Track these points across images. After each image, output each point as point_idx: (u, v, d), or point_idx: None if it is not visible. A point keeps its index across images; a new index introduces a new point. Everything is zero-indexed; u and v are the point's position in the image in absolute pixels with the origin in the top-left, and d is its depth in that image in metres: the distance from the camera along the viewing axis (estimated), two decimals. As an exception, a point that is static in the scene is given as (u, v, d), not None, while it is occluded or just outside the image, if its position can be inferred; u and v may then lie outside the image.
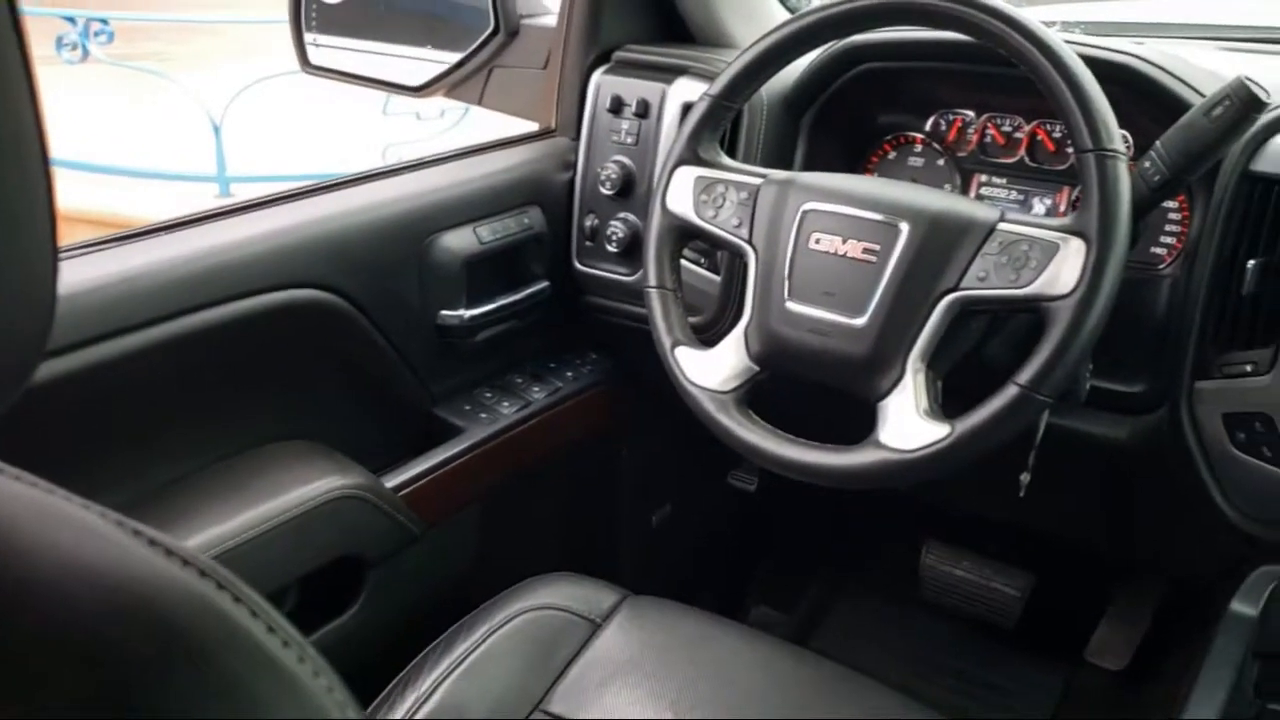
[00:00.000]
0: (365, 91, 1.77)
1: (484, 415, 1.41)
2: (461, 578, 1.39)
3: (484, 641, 1.12)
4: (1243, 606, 1.11)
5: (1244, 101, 0.96)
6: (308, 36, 1.66)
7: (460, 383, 1.44)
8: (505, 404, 1.44)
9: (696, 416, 1.11)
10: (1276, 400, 1.04)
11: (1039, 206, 1.30)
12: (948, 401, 1.02)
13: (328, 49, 1.66)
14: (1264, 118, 1.05)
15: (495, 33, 1.59)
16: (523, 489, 1.48)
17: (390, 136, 5.87)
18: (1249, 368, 1.06)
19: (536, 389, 1.48)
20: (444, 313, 1.35)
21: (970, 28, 1.01)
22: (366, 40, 1.67)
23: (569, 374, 1.55)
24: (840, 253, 1.05)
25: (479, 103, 1.66)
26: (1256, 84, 0.96)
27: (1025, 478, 1.13)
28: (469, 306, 1.37)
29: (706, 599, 1.73)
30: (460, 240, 1.35)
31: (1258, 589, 1.12)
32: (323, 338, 1.24)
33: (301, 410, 1.25)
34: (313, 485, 1.16)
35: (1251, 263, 1.05)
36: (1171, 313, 1.14)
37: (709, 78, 1.16)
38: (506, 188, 1.43)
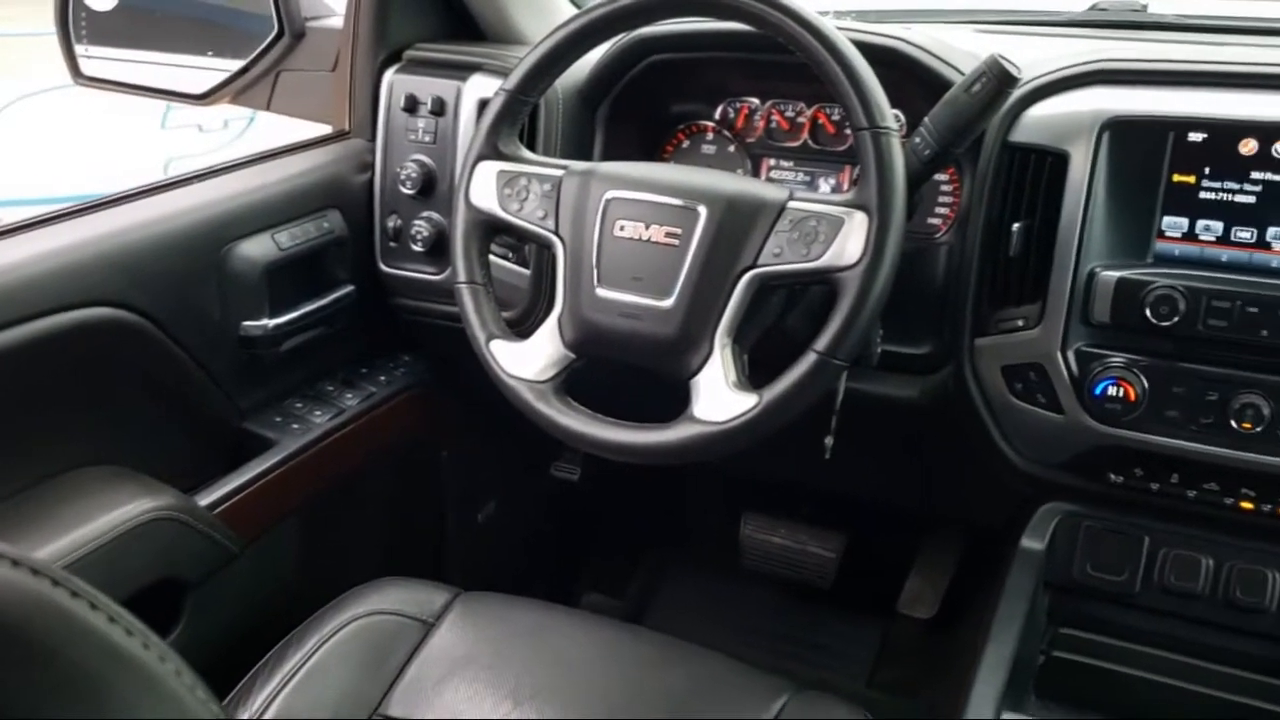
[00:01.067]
0: (144, 104, 1.70)
1: (296, 426, 1.38)
2: (287, 592, 1.36)
3: (315, 653, 1.11)
4: (1031, 542, 1.21)
5: (998, 77, 1.04)
6: (78, 48, 1.58)
7: (269, 394, 1.41)
8: (318, 413, 1.41)
9: (516, 408, 1.13)
10: (1045, 351, 1.14)
11: (824, 186, 1.38)
12: (755, 374, 1.07)
13: (102, 60, 1.59)
14: (1018, 92, 1.15)
15: (280, 36, 1.56)
16: (343, 497, 1.46)
17: (172, 150, 5.60)
18: (1020, 323, 1.16)
19: (349, 396, 1.46)
20: (247, 323, 1.32)
21: (750, 18, 1.06)
22: (144, 50, 1.60)
23: (382, 378, 1.53)
24: (645, 238, 1.08)
25: (267, 108, 1.62)
26: (1009, 60, 1.05)
27: (829, 441, 1.20)
28: (272, 315, 1.34)
29: (539, 591, 1.74)
30: (259, 248, 1.32)
31: (1043, 525, 1.22)
32: (121, 357, 1.19)
33: (105, 434, 1.20)
34: (122, 510, 1.11)
35: (1016, 226, 1.14)
36: (949, 277, 1.24)
37: (503, 73, 1.17)
38: (303, 192, 1.40)
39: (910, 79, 1.20)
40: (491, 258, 1.24)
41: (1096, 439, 1.14)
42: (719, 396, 1.04)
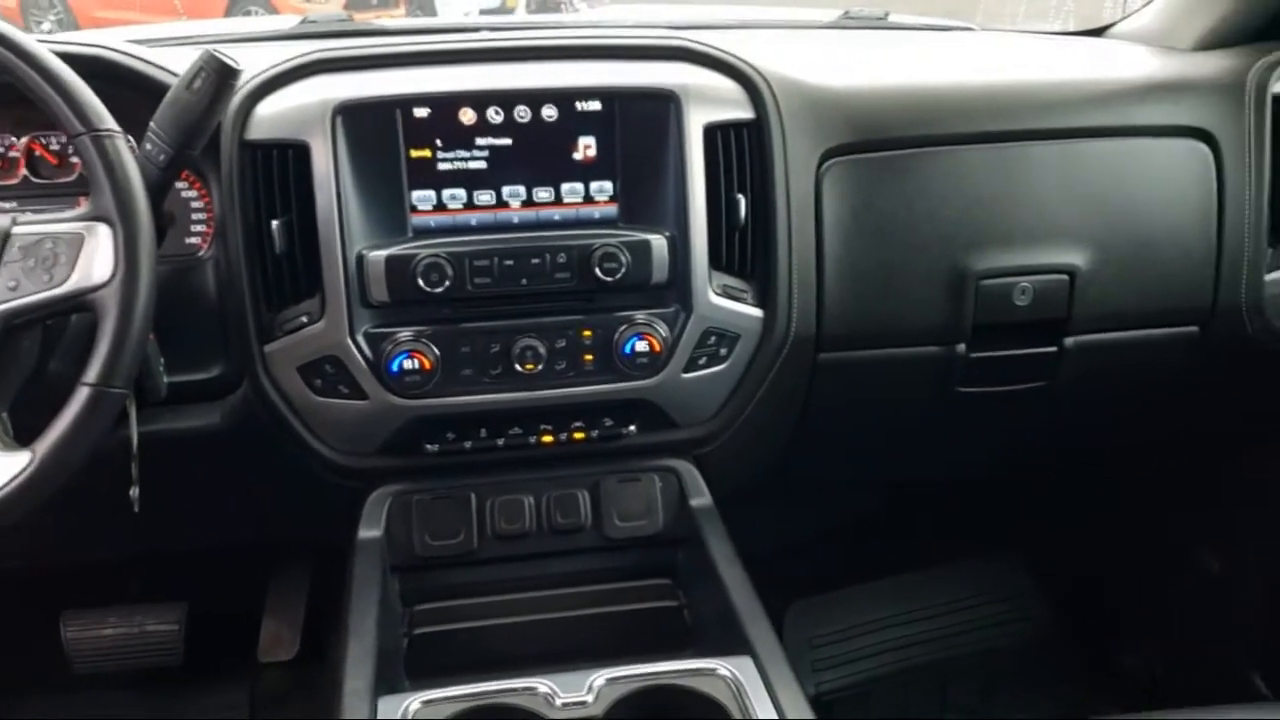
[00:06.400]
0: None
1: None
2: None
3: None
4: (368, 532, 1.20)
5: (218, 70, 1.01)
6: None
7: None
8: None
9: None
10: (335, 341, 1.14)
11: None
12: (30, 438, 0.93)
13: None
14: (245, 88, 1.13)
15: None
16: None
17: None
18: (305, 319, 1.15)
19: None
20: None
21: None
22: None
23: None
24: None
25: None
26: (225, 55, 1.02)
27: (135, 492, 1.09)
28: None
29: None
30: None
31: (376, 512, 1.21)
32: None
33: None
34: None
35: (275, 224, 1.13)
36: (223, 292, 1.19)
37: None
38: None
39: (128, 88, 1.13)
40: None
41: (405, 414, 1.16)
42: None
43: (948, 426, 1.50)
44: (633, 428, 1.23)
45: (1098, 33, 1.71)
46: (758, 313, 1.23)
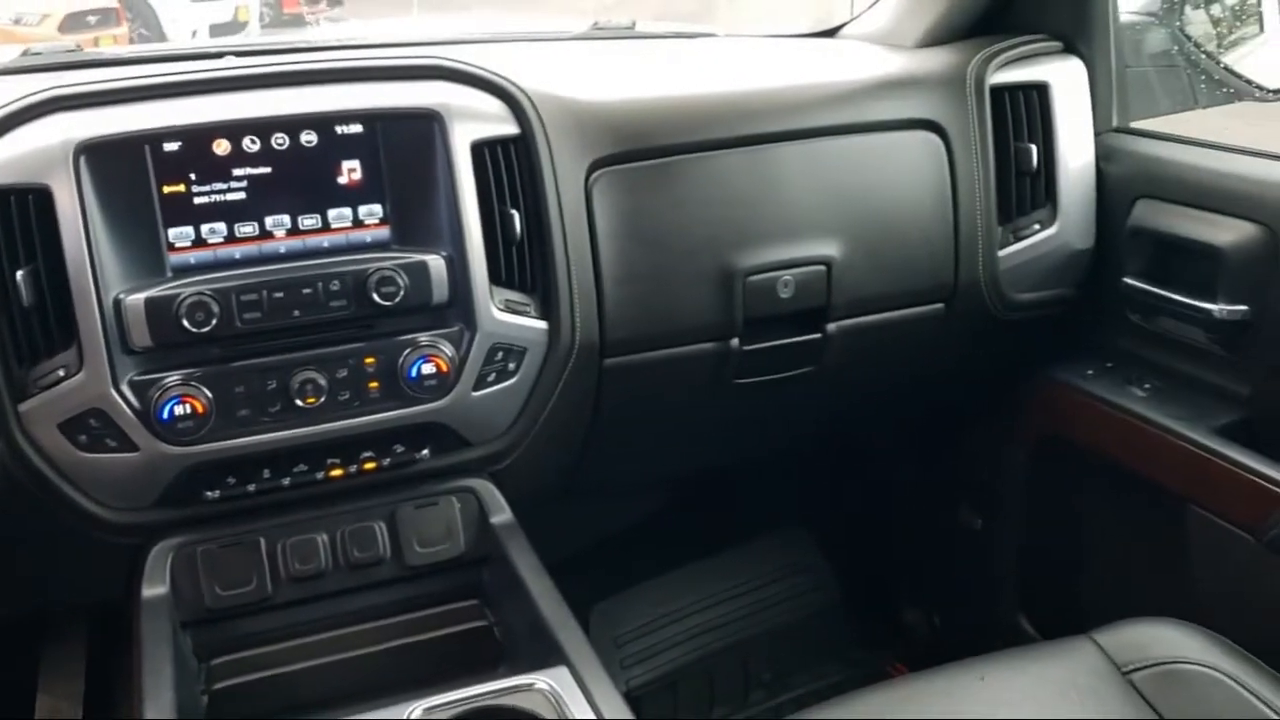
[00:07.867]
0: None
1: None
2: None
3: None
4: (152, 590, 1.13)
5: None
6: None
7: None
8: None
9: None
10: (98, 393, 1.08)
11: None
12: None
13: None
14: None
15: None
16: None
17: None
18: (61, 372, 1.08)
19: None
20: None
21: None
22: None
23: None
24: None
25: None
26: None
27: None
28: None
29: None
30: None
31: (159, 568, 1.14)
32: None
33: None
34: None
35: (20, 274, 1.06)
36: None
37: None
38: None
39: None
40: None
41: (180, 463, 1.11)
42: None
43: (730, 417, 1.56)
44: (426, 451, 1.22)
45: (830, 33, 1.82)
46: (542, 325, 1.24)
